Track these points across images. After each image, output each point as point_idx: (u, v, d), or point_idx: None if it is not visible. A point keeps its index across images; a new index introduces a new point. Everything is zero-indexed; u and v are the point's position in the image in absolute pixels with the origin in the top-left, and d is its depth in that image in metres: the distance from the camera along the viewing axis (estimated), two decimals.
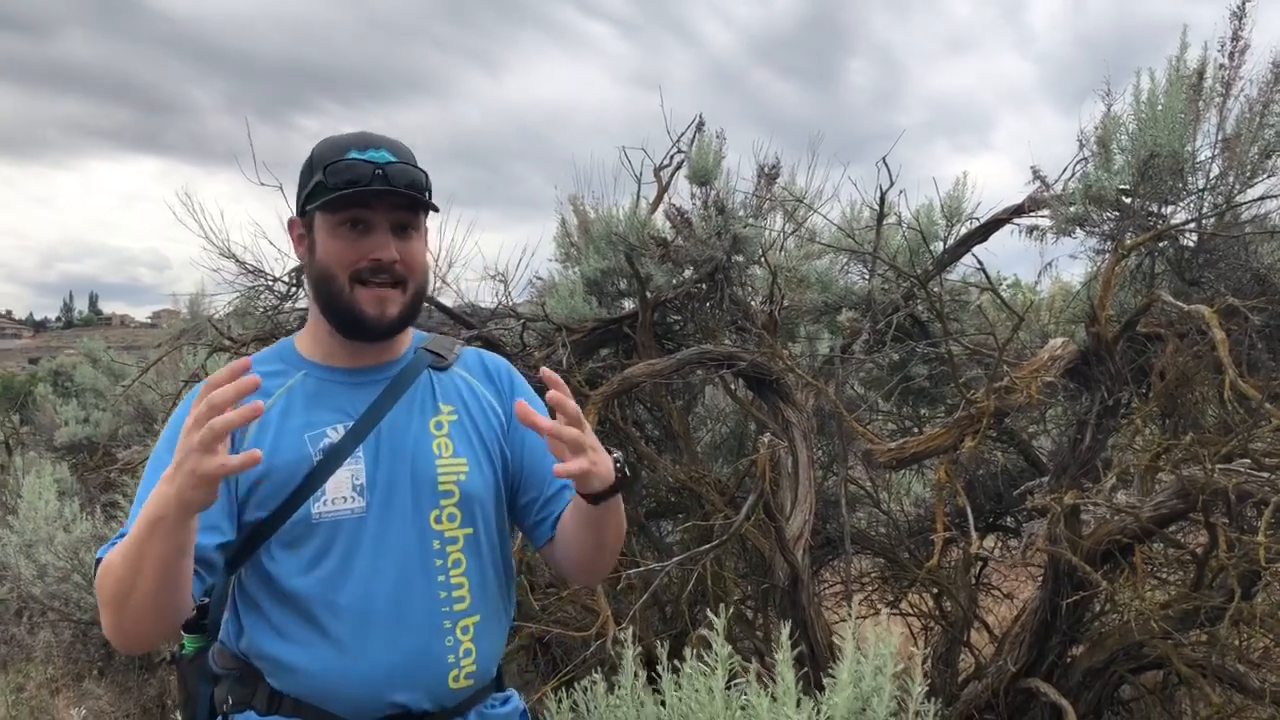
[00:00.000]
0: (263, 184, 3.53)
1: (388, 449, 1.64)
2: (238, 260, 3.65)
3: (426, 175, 1.63)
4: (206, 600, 1.64)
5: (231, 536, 1.57)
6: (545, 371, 1.45)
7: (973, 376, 4.25)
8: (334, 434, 1.62)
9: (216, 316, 4.23)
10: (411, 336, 1.80)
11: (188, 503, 1.30)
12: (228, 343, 4.00)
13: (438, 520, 1.64)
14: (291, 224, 1.72)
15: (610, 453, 1.54)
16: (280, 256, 3.61)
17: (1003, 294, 6.16)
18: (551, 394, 1.43)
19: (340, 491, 1.59)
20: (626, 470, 1.56)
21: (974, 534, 2.75)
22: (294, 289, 3.71)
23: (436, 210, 1.68)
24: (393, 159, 1.59)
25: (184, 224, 3.54)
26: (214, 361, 4.37)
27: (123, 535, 1.45)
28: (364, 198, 1.56)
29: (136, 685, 5.38)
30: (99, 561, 1.47)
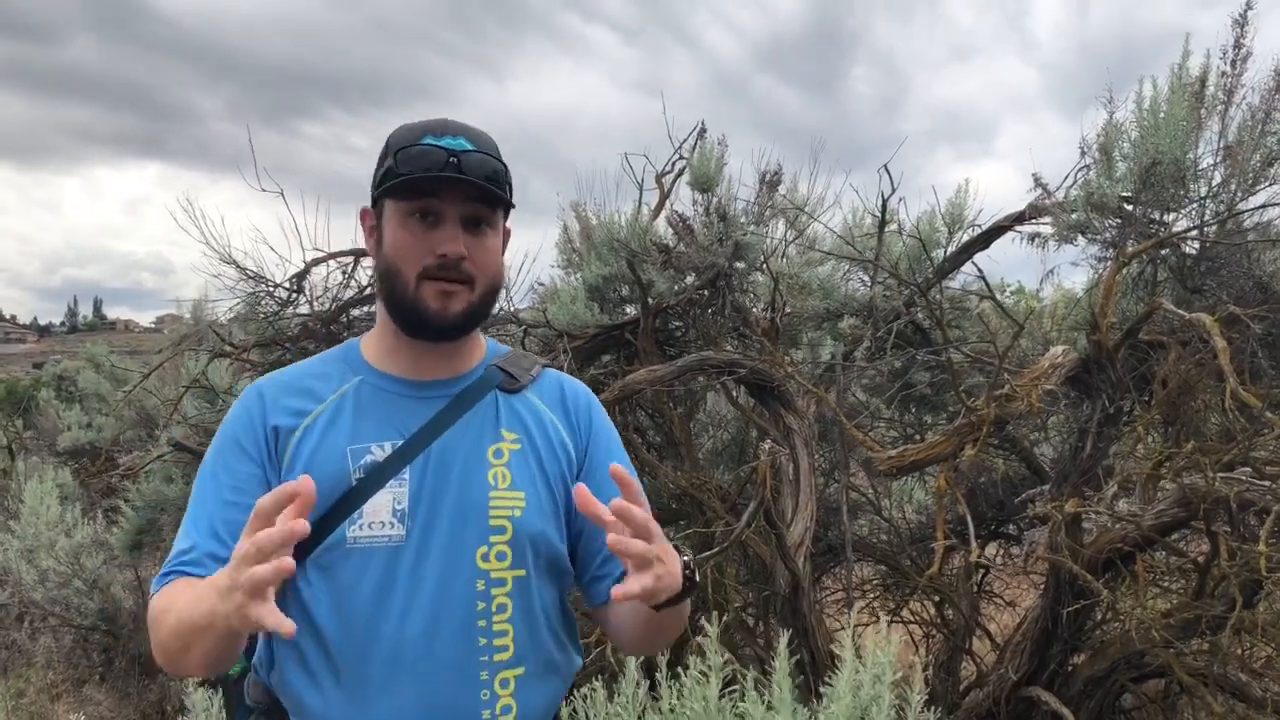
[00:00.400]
0: (264, 190, 3.54)
1: (437, 473, 1.49)
2: (238, 266, 3.65)
3: (507, 169, 1.51)
4: None
5: None
6: (615, 468, 1.29)
7: (974, 384, 4.25)
8: (379, 451, 1.48)
9: (219, 322, 4.23)
10: (484, 350, 1.65)
11: (237, 630, 1.22)
12: (229, 349, 4.00)
13: (485, 558, 1.47)
14: (363, 214, 1.59)
15: (681, 554, 1.38)
16: (281, 263, 3.62)
17: (1005, 301, 6.16)
18: (616, 503, 1.26)
19: (378, 516, 1.46)
20: (695, 575, 1.39)
21: (974, 542, 2.74)
22: (295, 295, 3.71)
23: (512, 206, 1.55)
24: (470, 147, 1.46)
25: (185, 230, 3.55)
26: (214, 367, 4.38)
27: (177, 563, 1.42)
28: (434, 186, 1.44)
29: (136, 691, 5.38)
30: (153, 593, 1.42)
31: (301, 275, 3.68)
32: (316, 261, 3.67)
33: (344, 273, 3.74)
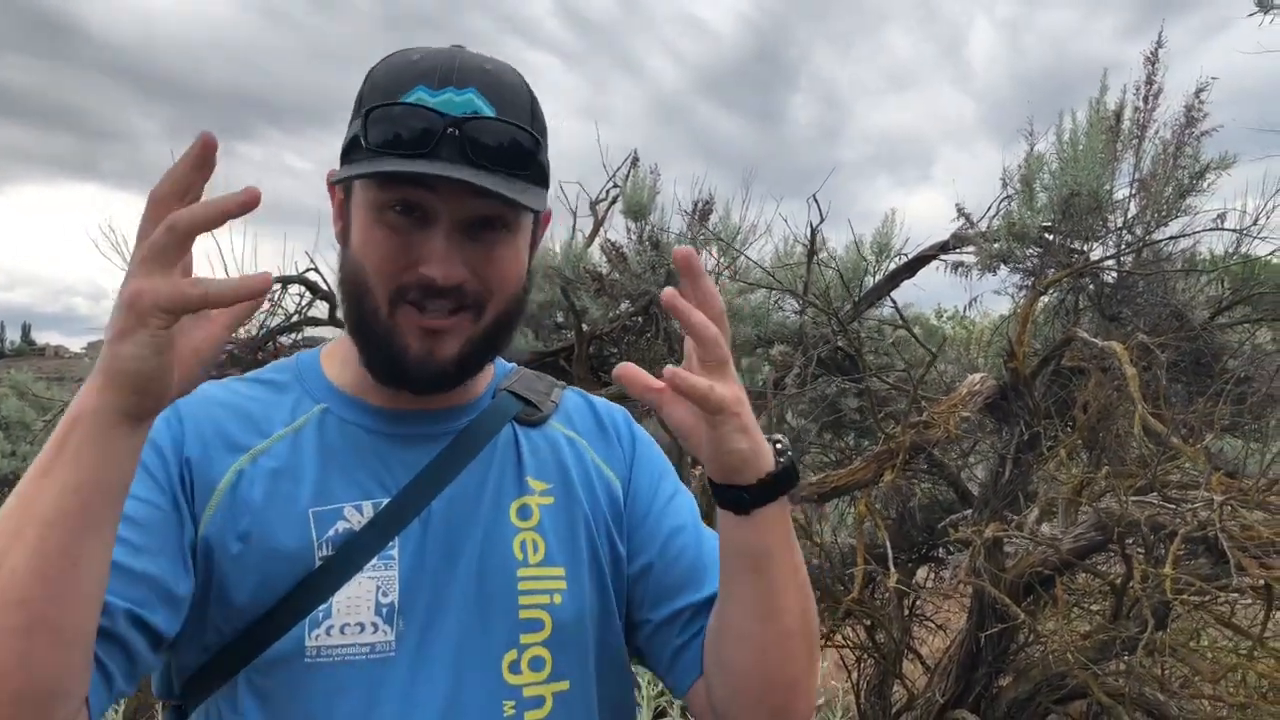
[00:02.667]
0: None
1: (440, 547, 1.04)
2: None
3: (538, 138, 1.01)
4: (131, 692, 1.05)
5: (189, 586, 0.96)
6: (680, 252, 0.88)
7: (900, 410, 4.32)
8: (355, 516, 1.02)
9: None
10: (491, 372, 1.20)
11: (124, 369, 0.74)
12: None
13: (514, 669, 1.02)
14: (330, 185, 1.08)
15: (770, 439, 0.97)
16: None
17: (941, 326, 6.27)
18: (681, 254, 0.88)
19: (356, 614, 0.98)
20: (792, 463, 0.97)
21: (892, 567, 2.78)
22: None
23: (540, 209, 1.04)
24: (485, 108, 0.98)
25: (108, 257, 3.49)
26: None
27: None
28: (409, 178, 0.96)
29: None
30: None
31: None
32: None
33: (270, 299, 3.70)
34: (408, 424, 1.08)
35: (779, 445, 0.97)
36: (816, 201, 4.12)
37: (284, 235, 3.74)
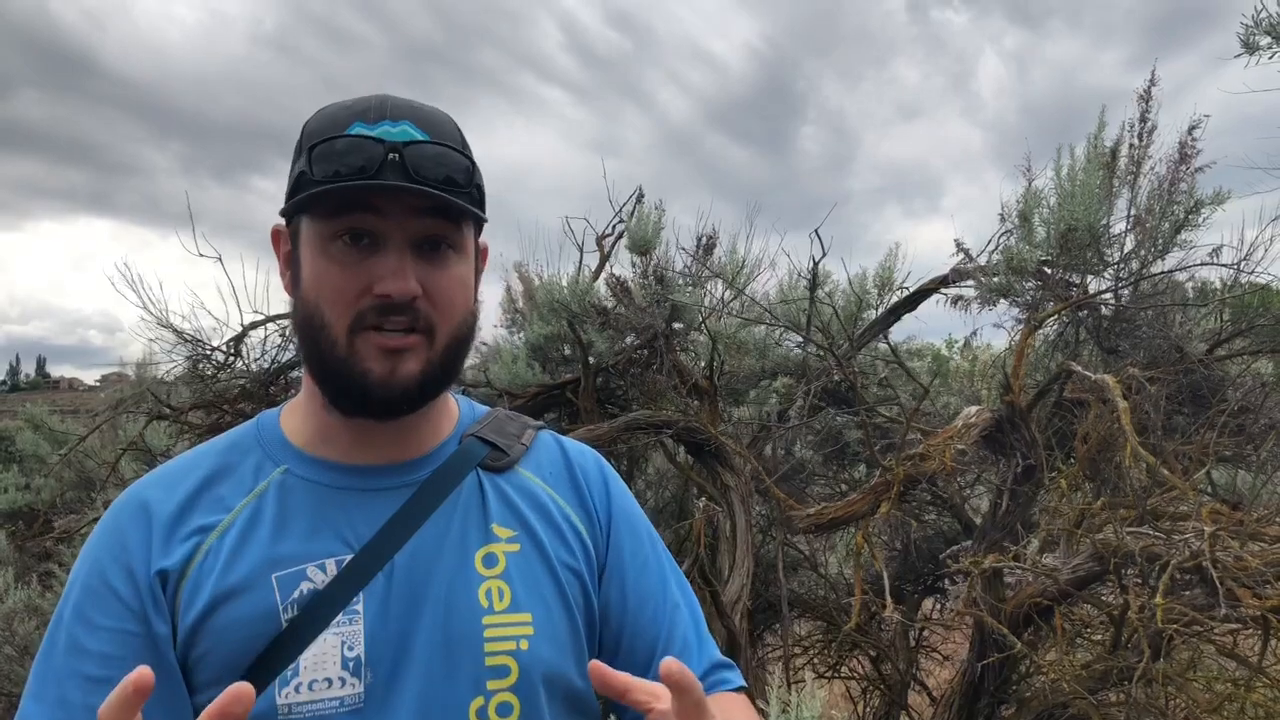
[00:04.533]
0: (202, 255, 3.58)
1: (405, 598, 1.05)
2: (174, 329, 3.69)
3: (473, 163, 1.06)
4: None
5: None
6: (668, 666, 0.82)
7: (897, 442, 4.36)
8: (318, 575, 1.03)
9: (164, 383, 4.24)
10: (455, 416, 1.22)
11: None
12: (167, 410, 4.00)
13: (481, 715, 1.04)
14: (275, 235, 1.13)
15: None
16: (218, 326, 3.66)
17: (948, 358, 6.31)
18: (667, 666, 0.82)
19: (323, 670, 1.00)
20: None
21: (889, 598, 2.81)
22: (232, 358, 3.75)
23: (483, 220, 1.11)
24: (419, 135, 1.03)
25: (123, 294, 3.58)
26: (153, 429, 4.37)
27: None
28: (366, 197, 1.00)
29: None
30: None
31: (239, 338, 3.72)
32: (254, 325, 3.72)
33: (282, 335, 3.78)
34: (369, 478, 1.10)
35: None
36: (819, 236, 4.19)
37: None
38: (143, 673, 0.73)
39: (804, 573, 5.27)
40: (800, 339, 4.40)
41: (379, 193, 0.99)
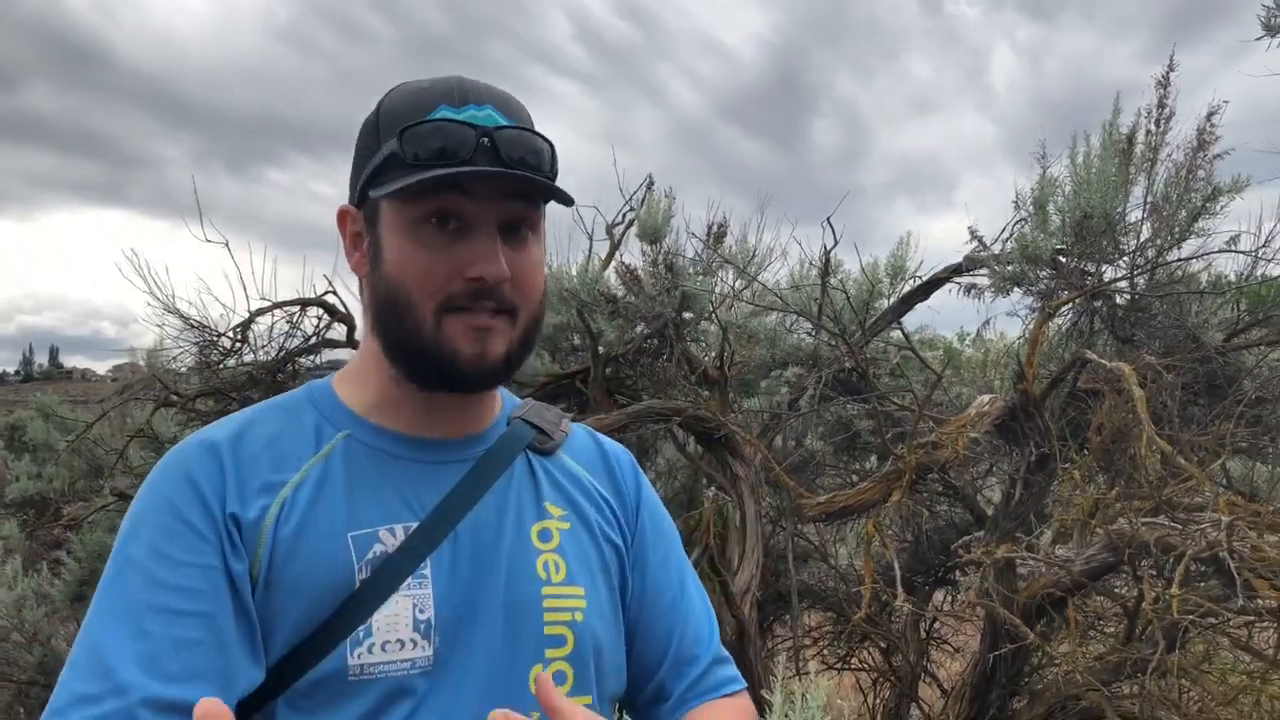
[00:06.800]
0: (209, 241, 3.56)
1: (469, 566, 1.07)
2: (182, 316, 3.67)
3: (553, 146, 1.07)
4: None
5: (259, 677, 0.99)
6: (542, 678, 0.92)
7: (918, 429, 4.33)
8: (389, 539, 1.04)
9: (174, 371, 4.22)
10: (501, 401, 1.23)
11: None
12: (175, 398, 3.99)
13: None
14: (341, 216, 1.13)
15: None
16: (226, 313, 3.65)
17: (960, 349, 6.27)
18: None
19: (395, 632, 1.01)
20: None
21: (899, 588, 2.78)
22: (239, 344, 3.73)
23: (570, 203, 1.10)
24: (504, 120, 1.05)
25: (131, 281, 3.57)
26: (161, 416, 4.36)
27: (72, 696, 0.89)
28: (463, 180, 1.01)
29: None
30: None
31: (246, 325, 3.70)
32: (261, 311, 3.70)
33: (289, 321, 3.76)
34: (430, 450, 1.11)
35: None
36: (830, 225, 4.15)
37: (304, 259, 3.81)
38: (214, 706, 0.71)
39: (814, 563, 5.24)
40: (812, 326, 4.36)
41: (477, 178, 1.00)
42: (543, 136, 1.06)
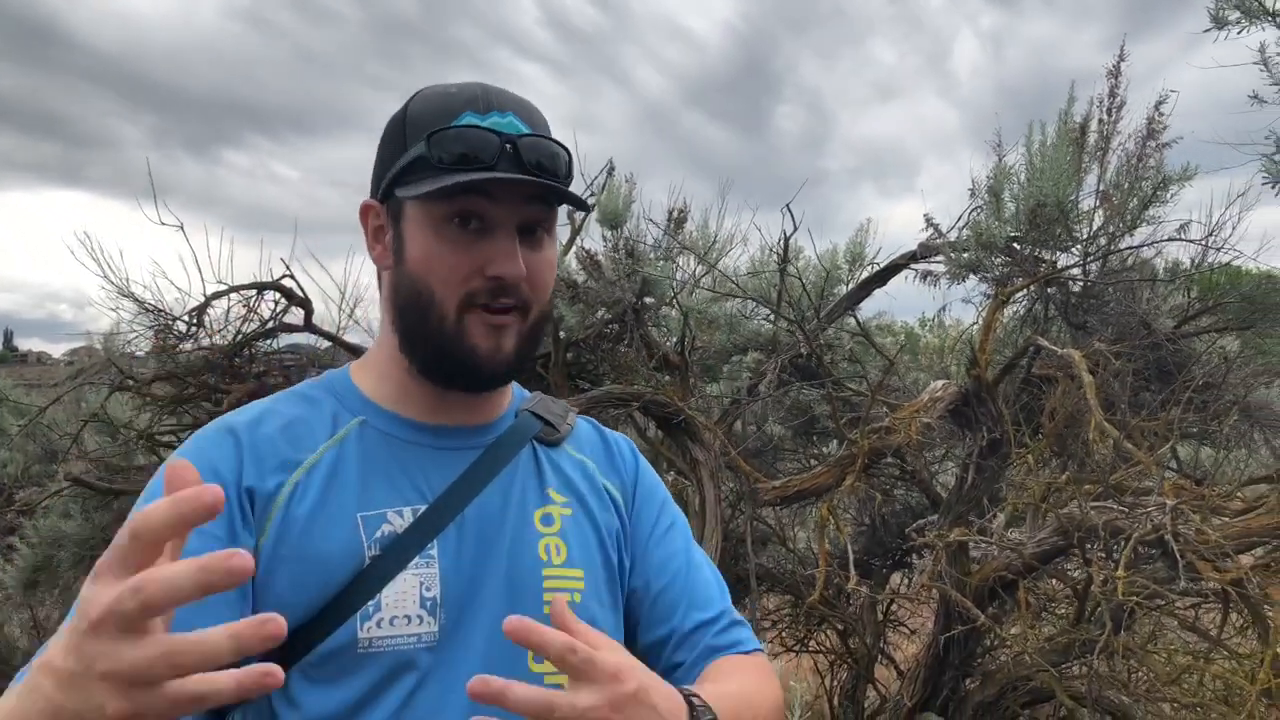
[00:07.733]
0: (163, 224, 3.52)
1: (474, 548, 1.14)
2: (135, 299, 3.62)
3: (569, 153, 1.16)
4: None
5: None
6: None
7: (872, 416, 4.37)
8: (397, 520, 1.11)
9: (132, 355, 4.17)
10: (511, 393, 1.32)
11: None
12: (130, 382, 3.94)
13: (538, 659, 1.05)
14: (365, 210, 1.21)
15: (686, 695, 0.99)
16: (181, 297, 3.60)
17: (920, 334, 6.33)
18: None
19: (402, 608, 1.07)
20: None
21: (852, 570, 2.82)
22: (194, 328, 3.69)
23: (587, 209, 1.25)
24: (523, 128, 1.13)
25: (83, 264, 3.51)
26: (116, 401, 4.30)
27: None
28: (489, 185, 1.08)
29: None
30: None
31: (201, 309, 3.65)
32: (217, 295, 3.65)
33: (246, 305, 3.72)
34: (441, 437, 1.19)
35: (696, 702, 1.00)
36: (790, 212, 4.17)
37: (260, 242, 3.78)
38: (245, 558, 0.69)
39: (774, 547, 5.28)
40: (770, 313, 4.38)
41: (503, 184, 1.08)
42: (560, 143, 1.14)
